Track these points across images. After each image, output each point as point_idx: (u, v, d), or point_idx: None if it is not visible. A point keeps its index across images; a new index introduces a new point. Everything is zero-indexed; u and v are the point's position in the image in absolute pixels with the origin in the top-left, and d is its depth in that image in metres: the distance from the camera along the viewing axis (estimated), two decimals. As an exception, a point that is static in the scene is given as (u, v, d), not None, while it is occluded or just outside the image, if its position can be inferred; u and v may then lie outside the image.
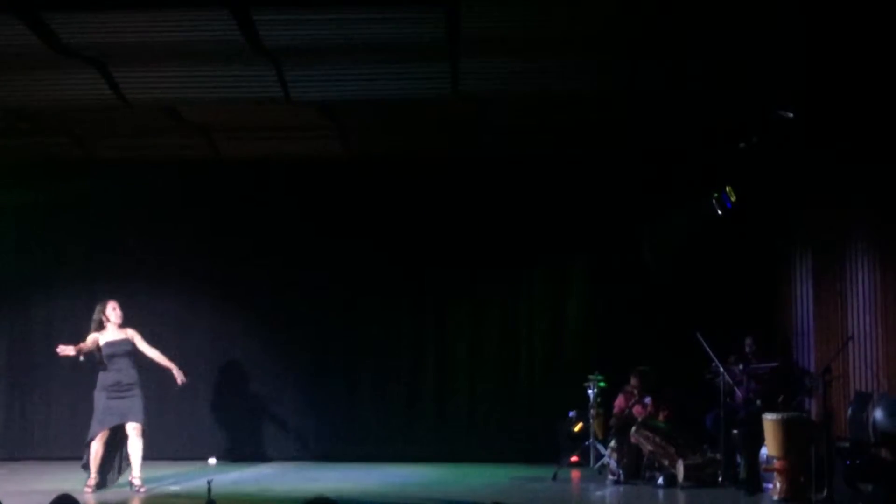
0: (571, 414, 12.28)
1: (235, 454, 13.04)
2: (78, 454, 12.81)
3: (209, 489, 8.12)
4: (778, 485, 9.86)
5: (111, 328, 10.74)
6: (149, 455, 10.91)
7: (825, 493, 9.50)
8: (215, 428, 13.20)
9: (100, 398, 10.66)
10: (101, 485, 10.66)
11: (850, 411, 10.18)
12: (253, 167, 12.97)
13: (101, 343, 10.69)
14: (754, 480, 10.43)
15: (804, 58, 9.15)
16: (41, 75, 9.64)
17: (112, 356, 10.63)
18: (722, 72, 9.60)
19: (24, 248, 13.26)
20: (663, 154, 12.26)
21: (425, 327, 13.39)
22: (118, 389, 10.58)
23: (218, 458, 12.94)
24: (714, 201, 11.73)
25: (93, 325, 10.80)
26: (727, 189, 11.55)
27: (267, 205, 13.20)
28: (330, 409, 13.14)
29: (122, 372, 10.64)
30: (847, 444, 9.69)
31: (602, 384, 12.00)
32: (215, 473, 11.34)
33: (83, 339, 11.07)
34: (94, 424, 10.67)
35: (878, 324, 9.99)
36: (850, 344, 10.47)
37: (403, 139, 12.40)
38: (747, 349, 11.58)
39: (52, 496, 6.69)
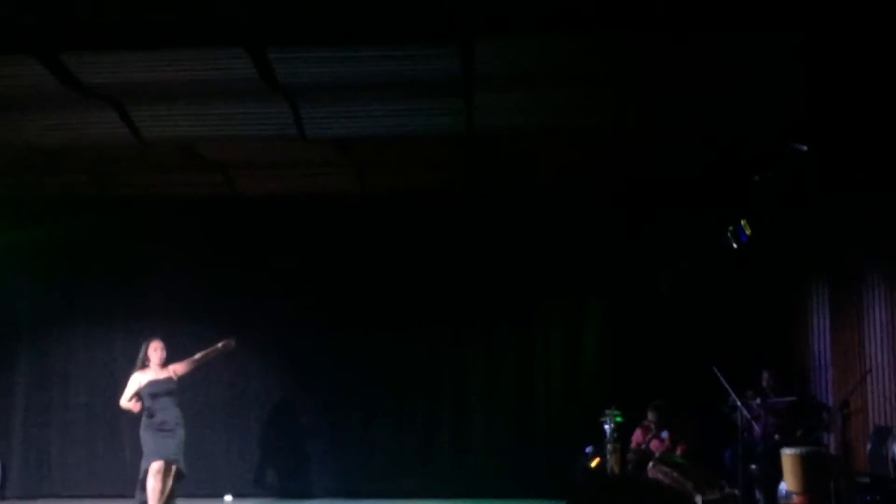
0: (588, 449, 12.19)
1: (251, 491, 13.02)
2: (93, 492, 12.91)
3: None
4: (797, 520, 9.77)
5: (154, 368, 10.67)
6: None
7: (845, 528, 9.43)
8: (231, 464, 13.17)
9: (147, 436, 10.49)
10: None
11: (869, 446, 10.11)
12: (270, 204, 13.03)
13: (144, 383, 10.56)
14: (773, 516, 10.35)
15: (819, 90, 9.16)
16: (59, 114, 9.73)
17: (155, 395, 10.49)
18: (736, 105, 9.62)
19: (39, 286, 13.30)
20: (678, 187, 12.26)
21: (441, 362, 13.36)
22: (164, 428, 10.52)
23: (234, 496, 12.90)
24: (729, 234, 11.70)
25: (137, 365, 10.67)
26: (742, 222, 11.52)
27: (284, 241, 13.24)
28: (345, 444, 13.09)
29: (167, 411, 10.52)
30: (866, 479, 9.59)
31: (619, 419, 11.91)
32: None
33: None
34: (146, 460, 10.45)
35: (896, 356, 9.94)
36: (868, 377, 10.40)
37: (419, 175, 12.43)
38: (764, 383, 11.50)
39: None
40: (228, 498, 12.85)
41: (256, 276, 13.22)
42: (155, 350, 10.66)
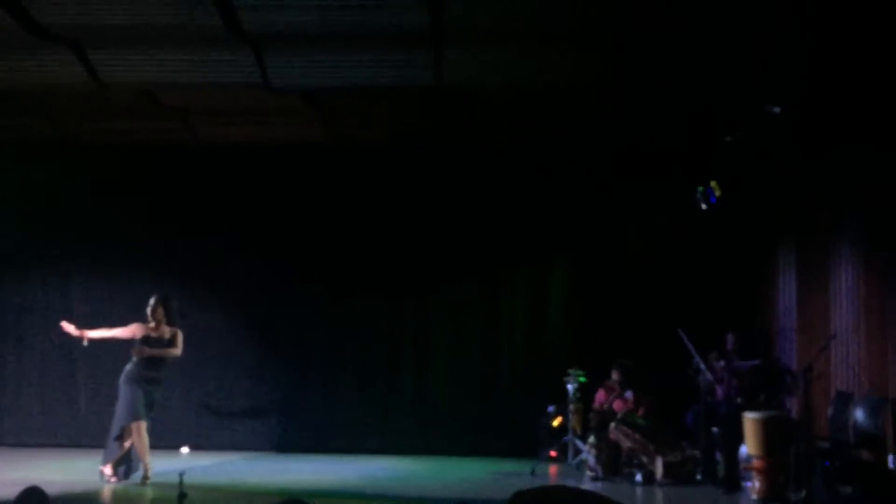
0: (550, 409, 12.19)
1: (209, 444, 12.87)
2: (48, 441, 12.74)
3: (181, 482, 7.98)
4: (757, 484, 9.81)
5: (153, 323, 10.57)
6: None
7: (804, 493, 9.43)
8: (189, 417, 13.03)
9: (128, 389, 10.39)
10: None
11: (830, 411, 10.11)
12: (233, 152, 12.80)
13: (140, 334, 10.53)
14: (733, 479, 10.38)
15: (793, 52, 9.05)
16: (15, 56, 9.45)
17: (141, 350, 10.47)
18: (709, 66, 9.49)
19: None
20: (649, 147, 12.15)
21: (405, 318, 13.23)
22: (145, 386, 10.40)
23: (191, 448, 12.76)
24: (699, 195, 11.62)
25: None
26: (712, 183, 11.45)
27: (246, 190, 13.02)
28: (307, 400, 13.00)
29: (149, 368, 10.45)
30: (827, 445, 9.62)
31: (582, 379, 11.90)
32: (188, 463, 11.23)
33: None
34: (126, 417, 10.36)
35: (861, 323, 9.90)
36: (833, 342, 10.38)
37: (386, 127, 12.25)
38: (729, 346, 11.48)
39: (21, 487, 6.57)
40: (185, 450, 12.71)
41: (217, 225, 13.02)
42: (148, 306, 10.57)
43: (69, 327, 10.65)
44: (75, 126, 12.24)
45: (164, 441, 11.84)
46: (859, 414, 9.48)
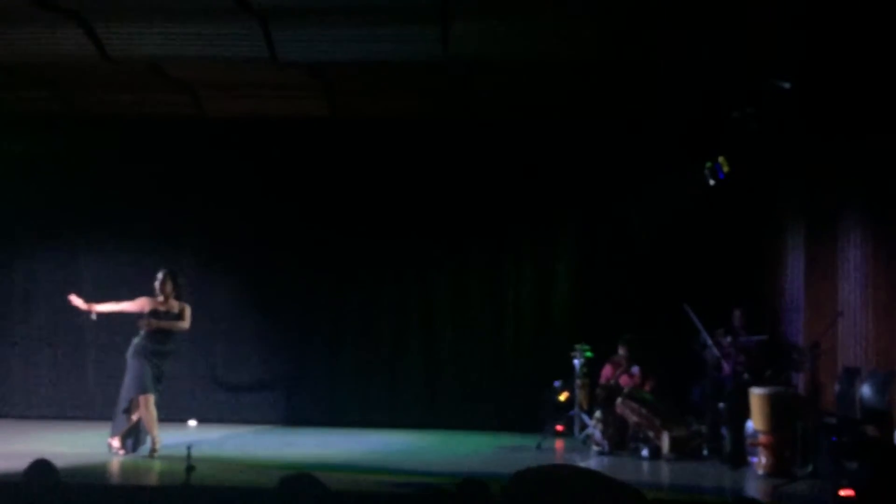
0: (557, 383, 12.19)
1: (216, 417, 12.92)
2: (57, 414, 12.79)
3: (189, 455, 8.02)
4: (763, 459, 9.81)
5: (161, 297, 10.54)
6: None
7: (810, 468, 9.46)
8: (197, 390, 13.07)
9: (136, 363, 10.36)
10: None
11: (837, 387, 10.11)
12: (238, 126, 12.77)
13: (147, 308, 10.48)
14: (739, 454, 10.36)
15: (803, 28, 9.00)
16: (22, 29, 9.44)
17: (149, 322, 10.46)
18: (719, 40, 9.44)
19: (1, 202, 13.02)
20: (656, 123, 12.10)
21: (411, 291, 13.25)
22: (153, 359, 10.39)
23: (198, 421, 12.81)
24: (707, 171, 11.60)
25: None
26: (720, 159, 11.42)
27: (251, 165, 13.01)
28: (314, 373, 13.04)
29: (157, 342, 10.45)
30: (834, 420, 9.61)
31: (588, 354, 11.92)
32: (195, 436, 11.27)
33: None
34: (132, 389, 10.33)
35: (869, 299, 9.89)
36: (840, 318, 10.37)
37: (391, 102, 12.22)
38: (736, 322, 11.47)
39: (30, 459, 6.61)
40: (193, 423, 12.76)
41: (223, 199, 13.01)
42: (157, 280, 10.53)
43: (77, 301, 10.66)
44: (82, 99, 12.25)
45: (171, 414, 11.88)
46: (866, 389, 9.47)
